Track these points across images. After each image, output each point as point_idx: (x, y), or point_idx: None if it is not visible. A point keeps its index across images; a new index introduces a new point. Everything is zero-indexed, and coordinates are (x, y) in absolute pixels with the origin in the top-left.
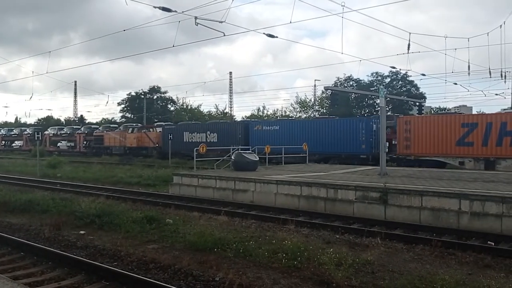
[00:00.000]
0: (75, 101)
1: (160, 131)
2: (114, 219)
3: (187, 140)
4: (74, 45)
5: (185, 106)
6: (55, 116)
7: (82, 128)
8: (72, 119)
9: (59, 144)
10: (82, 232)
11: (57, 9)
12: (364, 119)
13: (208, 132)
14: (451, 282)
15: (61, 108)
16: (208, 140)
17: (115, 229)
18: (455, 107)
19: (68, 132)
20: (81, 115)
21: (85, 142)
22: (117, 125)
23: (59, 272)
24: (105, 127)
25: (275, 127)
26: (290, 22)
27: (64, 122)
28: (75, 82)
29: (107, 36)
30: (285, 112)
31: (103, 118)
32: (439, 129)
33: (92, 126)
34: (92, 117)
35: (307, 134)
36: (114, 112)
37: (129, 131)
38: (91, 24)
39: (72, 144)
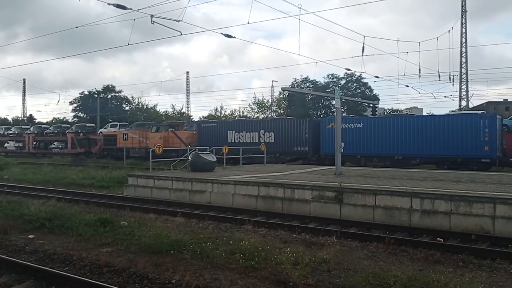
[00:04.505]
0: (24, 100)
1: (193, 130)
2: (65, 222)
3: (233, 141)
4: (21, 41)
5: (140, 106)
6: (2, 116)
7: (32, 128)
8: (20, 119)
9: (6, 144)
10: (31, 236)
11: (2, 4)
12: (488, 115)
13: (262, 131)
14: (403, 278)
15: (8, 107)
16: (262, 141)
17: (67, 233)
18: (406, 109)
19: (16, 132)
20: (30, 115)
21: (34, 143)
22: (69, 125)
23: (6, 278)
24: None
25: (357, 124)
26: (248, 23)
27: (11, 121)
28: (24, 80)
29: (57, 33)
30: (243, 112)
31: (54, 118)
32: None
33: (43, 126)
34: (42, 117)
35: (404, 133)
36: (65, 111)
37: (153, 130)
38: (38, 20)
39: (21, 144)
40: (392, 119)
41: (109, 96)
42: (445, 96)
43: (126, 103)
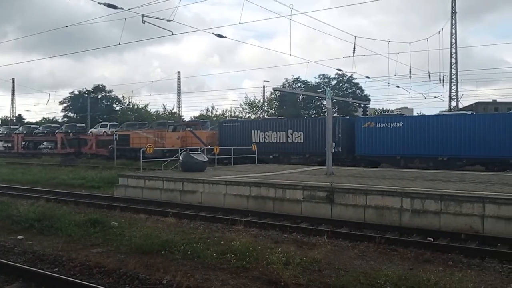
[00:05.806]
0: (13, 99)
1: (213, 130)
2: (55, 223)
3: (258, 141)
4: (10, 40)
5: (131, 106)
6: None
7: (21, 128)
8: (9, 119)
9: None
10: (20, 237)
11: None
12: None
13: (290, 131)
14: (393, 277)
15: None
16: (290, 141)
17: (57, 233)
18: (397, 109)
19: (5, 132)
20: (19, 115)
21: (23, 143)
22: (59, 125)
23: None
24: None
25: (396, 124)
26: (239, 23)
27: (0, 121)
28: (13, 79)
29: (46, 32)
30: (234, 112)
31: (43, 118)
32: None
33: (32, 126)
34: (32, 117)
35: (450, 132)
36: (55, 111)
37: (170, 130)
38: (27, 19)
39: (9, 144)
40: (437, 118)
41: (99, 96)
42: (435, 97)
43: (117, 103)
